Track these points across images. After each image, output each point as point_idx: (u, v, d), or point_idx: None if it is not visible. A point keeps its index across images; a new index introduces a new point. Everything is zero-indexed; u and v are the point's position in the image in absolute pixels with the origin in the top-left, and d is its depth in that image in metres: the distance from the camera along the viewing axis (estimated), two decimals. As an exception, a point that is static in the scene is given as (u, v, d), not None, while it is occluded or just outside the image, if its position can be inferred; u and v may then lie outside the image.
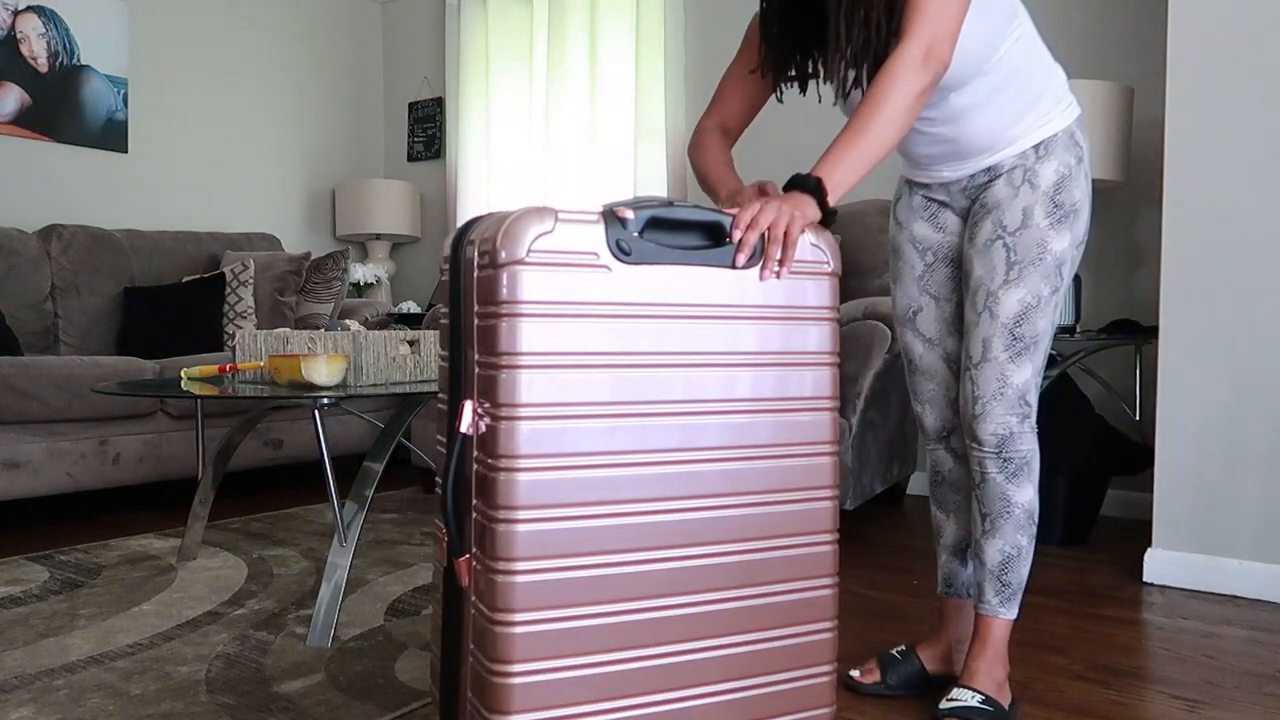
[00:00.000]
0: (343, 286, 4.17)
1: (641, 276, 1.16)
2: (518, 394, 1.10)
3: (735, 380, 1.21)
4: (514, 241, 1.10)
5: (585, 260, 1.13)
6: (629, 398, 1.15)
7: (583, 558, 1.13)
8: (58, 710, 1.59)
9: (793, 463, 1.24)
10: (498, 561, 1.10)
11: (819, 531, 1.27)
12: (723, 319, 1.20)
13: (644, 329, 1.16)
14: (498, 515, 1.10)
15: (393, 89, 5.16)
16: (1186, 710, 1.62)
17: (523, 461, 1.10)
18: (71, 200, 3.99)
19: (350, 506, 2.02)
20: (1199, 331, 2.35)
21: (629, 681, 1.15)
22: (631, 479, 1.15)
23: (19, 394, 2.87)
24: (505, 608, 1.10)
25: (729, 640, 1.20)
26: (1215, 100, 2.33)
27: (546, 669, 1.11)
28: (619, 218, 1.15)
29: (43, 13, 3.85)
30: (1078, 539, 2.77)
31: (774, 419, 1.23)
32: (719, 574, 1.20)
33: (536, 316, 1.11)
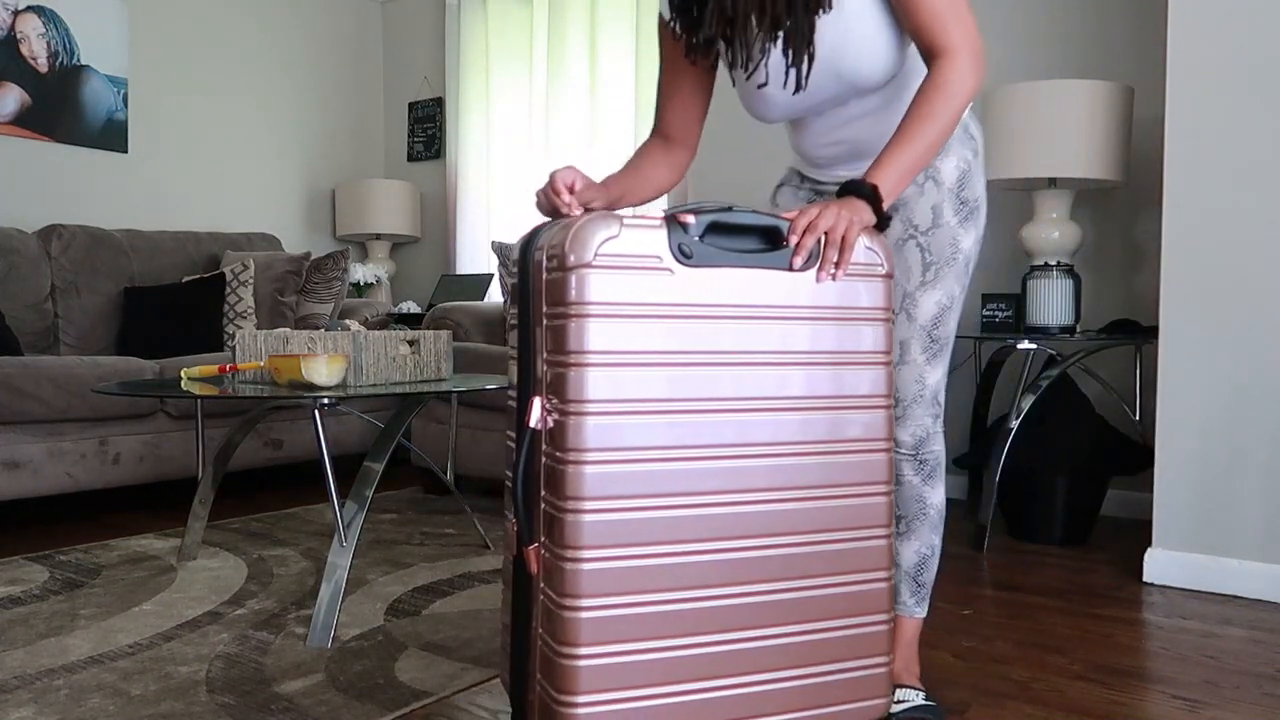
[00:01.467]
0: (343, 286, 4.17)
1: (702, 279, 1.21)
2: (585, 391, 1.16)
3: (791, 379, 1.25)
4: (582, 246, 1.16)
5: (649, 263, 1.18)
6: (689, 395, 1.20)
7: (645, 546, 1.18)
8: (58, 710, 1.59)
9: (852, 459, 1.28)
10: (565, 550, 1.16)
11: (875, 526, 1.30)
12: (779, 320, 1.24)
13: (704, 329, 1.21)
14: (565, 506, 1.16)
15: (393, 89, 5.16)
16: (1186, 710, 1.62)
17: (589, 455, 1.15)
18: (71, 200, 3.99)
19: (350, 506, 2.02)
20: (1199, 331, 2.35)
21: (690, 666, 1.20)
22: (692, 472, 1.20)
23: (19, 394, 2.88)
24: (572, 593, 1.15)
25: (787, 629, 1.25)
26: (1215, 100, 2.33)
27: (611, 653, 1.16)
28: (680, 222, 1.20)
29: (43, 13, 3.85)
30: (1078, 539, 2.77)
31: (829, 416, 1.27)
32: (776, 564, 1.24)
33: (603, 317, 1.16)
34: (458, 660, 1.82)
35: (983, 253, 3.42)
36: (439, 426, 3.46)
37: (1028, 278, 2.86)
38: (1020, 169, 2.75)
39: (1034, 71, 3.28)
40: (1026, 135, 2.73)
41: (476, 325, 3.63)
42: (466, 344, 3.43)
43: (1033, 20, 3.29)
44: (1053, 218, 2.86)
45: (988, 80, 3.38)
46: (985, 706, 1.63)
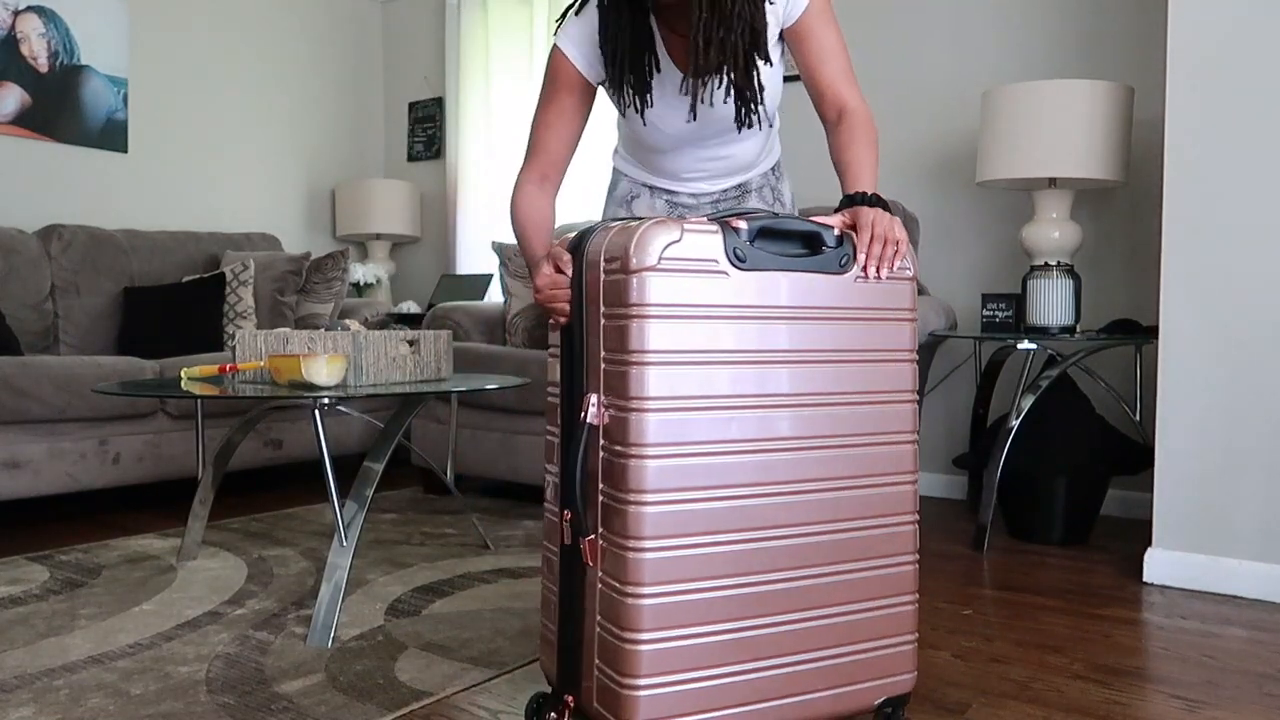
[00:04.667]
0: (343, 286, 4.17)
1: (754, 281, 1.28)
2: (646, 388, 1.22)
3: (838, 375, 1.34)
4: (645, 250, 1.22)
5: (706, 267, 1.25)
6: (743, 391, 1.27)
7: (703, 536, 1.25)
8: (58, 710, 1.59)
9: (883, 449, 1.38)
10: (628, 540, 1.22)
11: (903, 513, 1.40)
12: (825, 320, 1.33)
13: (757, 329, 1.28)
14: (628, 498, 1.22)
15: (393, 89, 5.16)
16: (1186, 710, 1.62)
17: (650, 450, 1.22)
18: (71, 200, 3.99)
19: (350, 506, 2.02)
20: (1199, 331, 2.35)
21: (744, 647, 1.28)
22: (745, 465, 1.27)
23: (19, 394, 2.88)
24: (635, 581, 1.22)
25: (830, 610, 1.35)
26: (1215, 100, 2.33)
27: (671, 637, 1.23)
28: (733, 227, 1.27)
29: (43, 13, 3.85)
30: (1078, 539, 2.77)
31: (869, 410, 1.36)
32: (821, 550, 1.33)
33: (663, 318, 1.23)
34: (458, 660, 1.82)
35: (983, 253, 3.42)
36: (439, 426, 3.46)
37: (1028, 278, 2.86)
38: (1020, 169, 2.75)
39: (1034, 71, 3.28)
40: (1026, 135, 2.73)
41: (476, 325, 3.63)
42: (466, 344, 3.43)
43: (1033, 20, 3.28)
44: (1053, 218, 2.86)
45: (988, 80, 3.38)
46: (985, 706, 1.63)
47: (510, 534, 2.87)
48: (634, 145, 1.79)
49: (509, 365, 3.23)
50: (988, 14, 3.37)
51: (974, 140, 3.42)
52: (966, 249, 3.44)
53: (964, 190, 3.45)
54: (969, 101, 3.42)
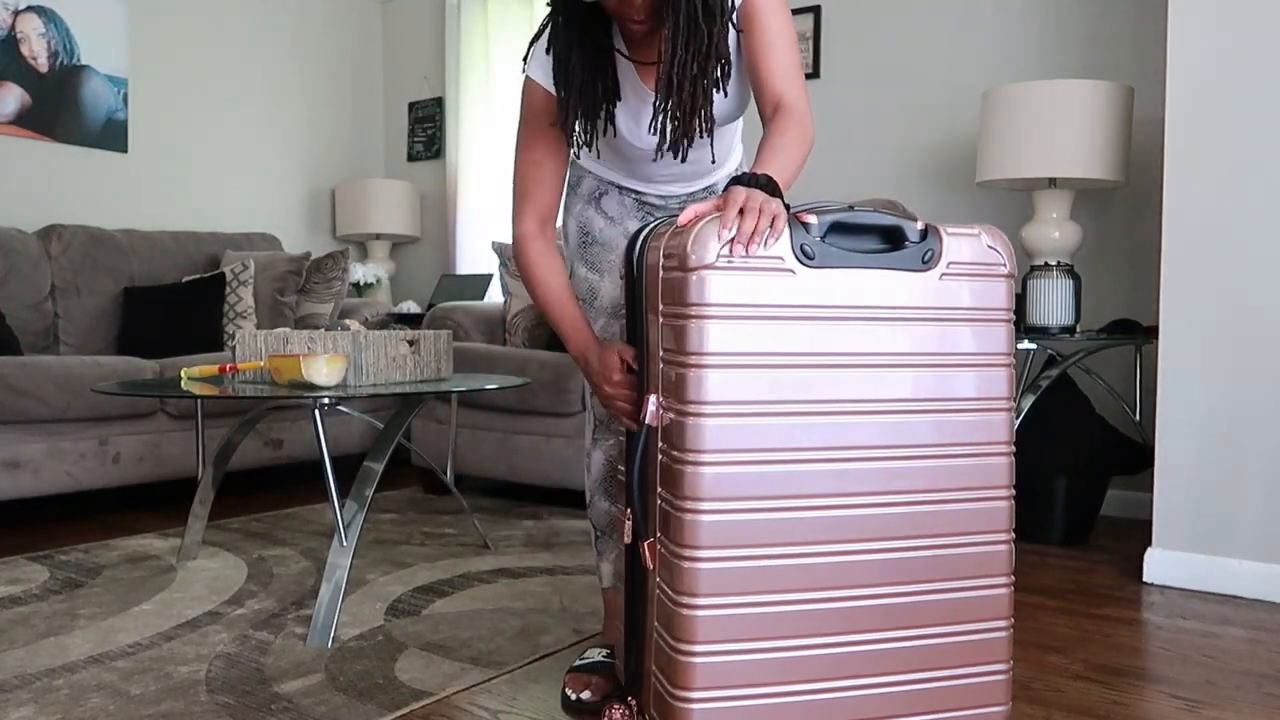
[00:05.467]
0: (343, 286, 4.17)
1: (824, 280, 1.20)
2: (704, 392, 1.15)
3: (920, 380, 1.24)
4: (704, 247, 1.15)
5: (770, 264, 1.17)
6: (811, 396, 1.19)
7: (763, 547, 1.18)
8: (58, 710, 1.59)
9: (972, 462, 1.26)
10: (683, 549, 1.17)
11: (996, 530, 1.28)
12: (905, 320, 1.23)
13: (827, 330, 1.20)
14: (684, 505, 1.16)
15: (393, 89, 5.16)
16: (1186, 710, 1.62)
17: (707, 456, 1.15)
18: (71, 200, 3.99)
19: (350, 506, 2.02)
20: (1199, 331, 2.35)
21: (806, 667, 1.20)
22: (811, 474, 1.19)
23: (19, 394, 2.87)
24: (689, 591, 1.16)
25: (906, 633, 1.23)
26: (1215, 100, 2.33)
27: (727, 650, 1.17)
28: (802, 222, 1.20)
29: (43, 13, 3.85)
30: (1078, 539, 2.77)
31: (957, 419, 1.26)
32: (898, 568, 1.23)
33: (724, 318, 1.16)
34: (458, 660, 1.82)
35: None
36: (439, 426, 3.46)
37: (1028, 278, 2.86)
38: (1020, 169, 2.75)
39: (1034, 71, 3.28)
40: (1026, 135, 2.73)
41: (476, 325, 3.63)
42: (466, 344, 3.43)
43: (1033, 20, 3.29)
44: (1053, 218, 2.86)
45: (988, 80, 3.38)
46: (985, 706, 1.63)
47: (510, 534, 2.87)
48: (600, 149, 1.78)
49: (509, 365, 3.23)
50: (988, 14, 3.37)
51: (974, 140, 3.42)
52: (966, 249, 3.44)
53: (964, 190, 3.45)
54: (969, 101, 3.42)
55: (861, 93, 3.62)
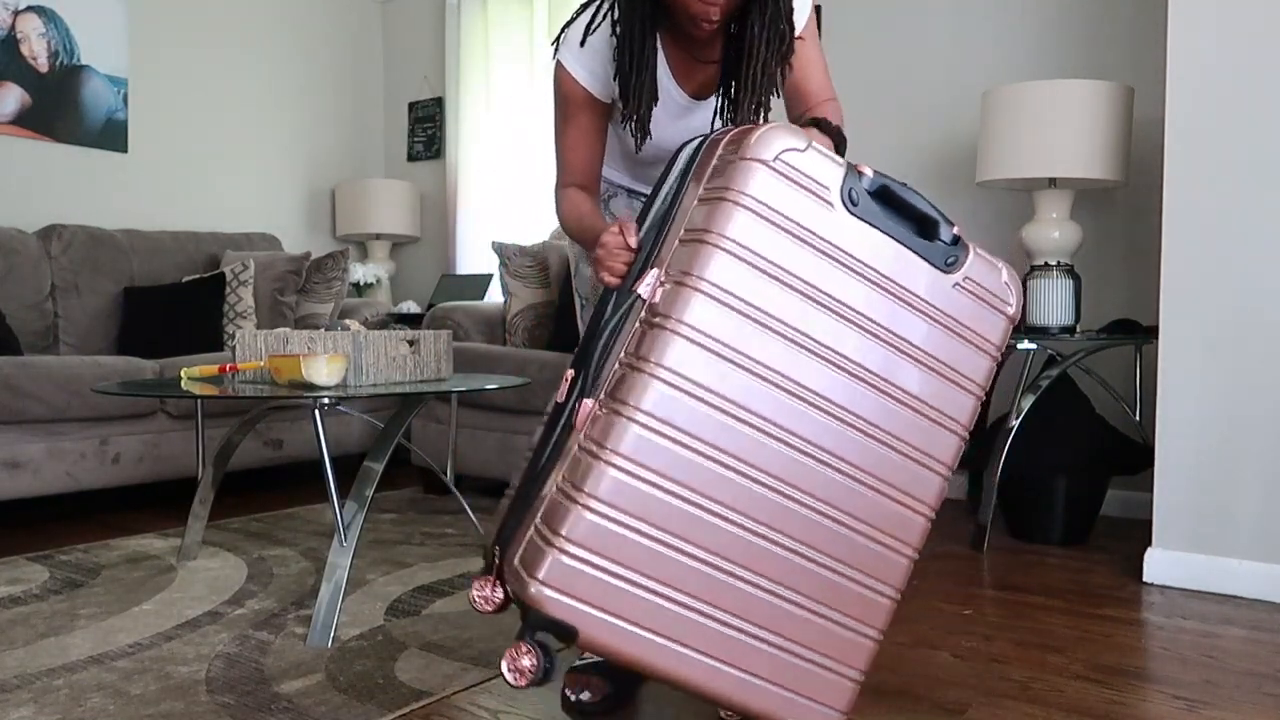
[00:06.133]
0: (343, 286, 4.17)
1: (855, 230, 1.22)
2: (708, 270, 1.16)
3: (902, 366, 1.26)
4: (766, 143, 1.19)
5: (818, 190, 1.20)
6: (800, 327, 1.21)
7: (700, 443, 1.17)
8: (58, 710, 1.59)
9: (912, 466, 1.29)
10: (626, 406, 1.15)
11: (904, 541, 1.30)
12: (908, 306, 1.26)
13: (841, 277, 1.22)
14: (645, 367, 1.15)
15: (393, 89, 5.16)
16: (1186, 710, 1.62)
17: (686, 329, 1.15)
18: (71, 200, 3.99)
19: (350, 506, 2.02)
20: (1199, 331, 2.35)
21: (680, 575, 1.17)
22: (769, 397, 1.19)
23: (19, 394, 2.87)
24: (614, 447, 1.14)
25: (785, 589, 1.23)
26: (1215, 100, 2.33)
27: (622, 521, 1.14)
28: (859, 171, 1.24)
29: (43, 13, 3.85)
30: (1078, 539, 2.77)
31: (910, 416, 1.28)
32: (807, 528, 1.23)
33: (754, 213, 1.17)
34: (458, 660, 1.82)
35: (983, 253, 3.42)
36: (439, 426, 3.46)
37: (1028, 278, 2.86)
38: (1020, 169, 2.75)
39: (1034, 71, 3.28)
40: (1026, 135, 2.73)
41: (476, 325, 3.63)
42: (466, 344, 3.43)
43: (1033, 20, 3.29)
44: (1053, 218, 2.86)
45: (988, 80, 3.38)
46: (985, 706, 1.63)
47: (510, 534, 2.87)
48: (612, 149, 1.80)
49: (509, 365, 3.23)
50: (988, 14, 3.37)
51: (974, 140, 3.42)
52: (966, 249, 3.44)
53: (964, 190, 3.45)
54: (969, 101, 3.42)
55: (861, 93, 3.62)
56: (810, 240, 1.20)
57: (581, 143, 1.65)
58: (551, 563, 1.13)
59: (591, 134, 1.65)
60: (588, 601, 1.14)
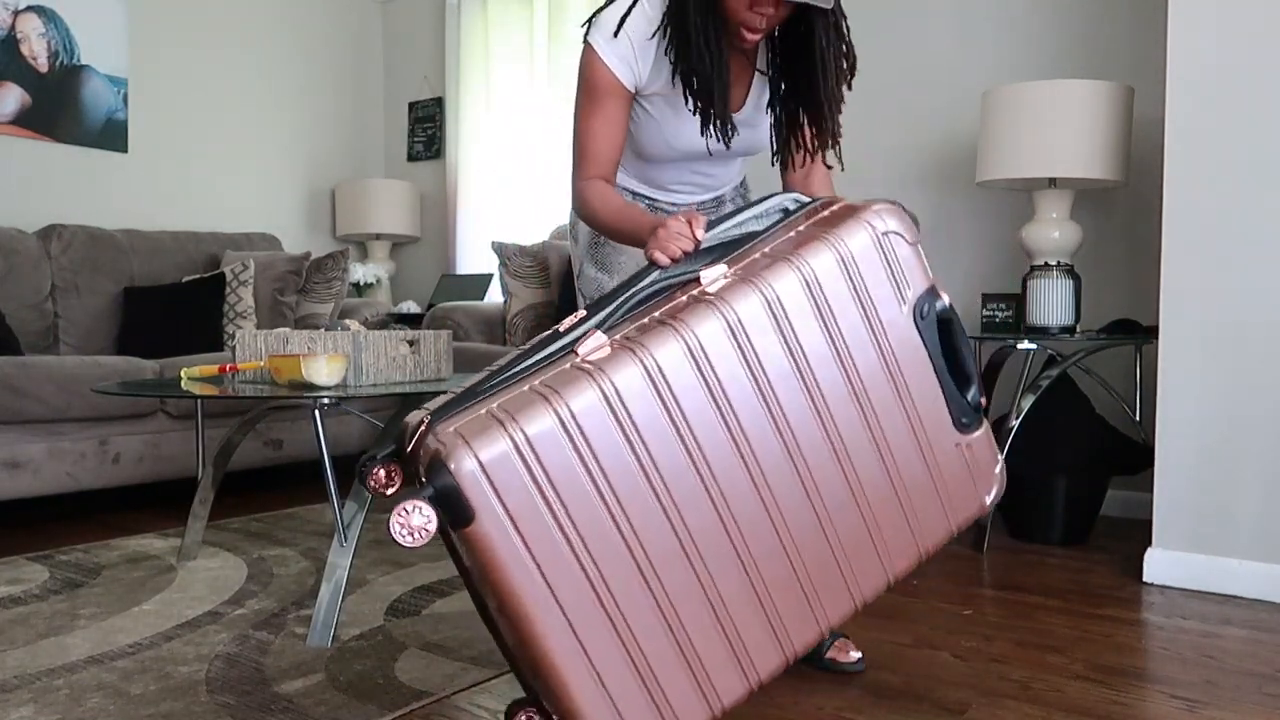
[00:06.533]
0: (343, 286, 4.18)
1: (907, 336, 1.29)
2: (779, 282, 1.20)
3: (874, 467, 1.28)
4: (883, 216, 1.26)
5: (900, 282, 1.28)
6: (820, 376, 1.23)
7: (683, 422, 1.15)
8: (58, 710, 1.59)
9: (831, 559, 1.29)
10: (641, 349, 1.14)
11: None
12: (911, 427, 1.30)
13: (874, 359, 1.26)
14: (676, 326, 1.16)
15: (393, 89, 5.16)
16: (1186, 710, 1.62)
17: (730, 315, 1.17)
18: (71, 200, 3.99)
19: (350, 506, 2.02)
20: (1199, 331, 2.35)
21: (604, 539, 1.13)
22: (759, 422, 1.19)
23: (19, 394, 2.87)
24: (610, 374, 1.12)
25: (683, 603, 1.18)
26: (1215, 100, 2.33)
27: (577, 442, 1.10)
28: (938, 294, 1.30)
29: (43, 13, 3.85)
30: (1078, 539, 2.77)
31: (857, 524, 1.28)
32: (729, 549, 1.21)
33: (841, 262, 1.23)
34: (458, 660, 1.82)
35: (983, 253, 3.42)
36: (439, 426, 3.45)
37: (1028, 278, 2.86)
38: (1020, 169, 2.75)
39: (1034, 71, 3.28)
40: (1026, 135, 2.73)
41: (476, 325, 3.63)
42: (466, 344, 3.43)
43: (1033, 20, 3.29)
44: (1053, 218, 2.86)
45: (988, 80, 3.38)
46: (985, 706, 1.63)
47: (510, 534, 2.87)
48: (624, 151, 1.81)
49: (509, 365, 3.22)
50: (988, 14, 3.37)
51: (974, 140, 3.42)
52: (966, 249, 3.44)
53: (964, 190, 3.45)
54: (969, 101, 3.42)
55: (861, 93, 3.62)
56: (870, 314, 1.24)
57: (606, 131, 1.64)
58: (494, 439, 1.06)
59: (616, 123, 1.64)
60: (503, 499, 1.07)
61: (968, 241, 3.44)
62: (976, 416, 1.31)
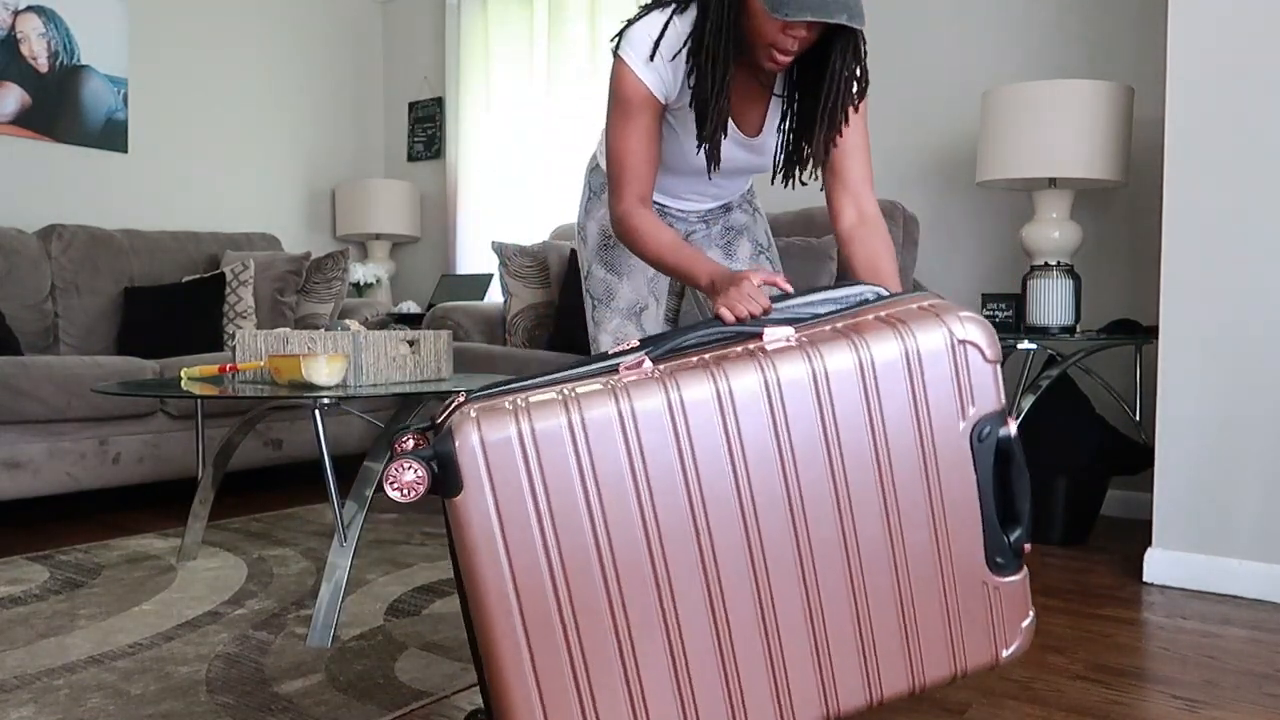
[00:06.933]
0: (343, 286, 4.17)
1: (959, 454, 1.22)
2: (831, 357, 1.16)
3: (883, 578, 1.20)
4: (962, 322, 1.19)
5: (965, 397, 1.20)
6: (850, 469, 1.18)
7: (691, 464, 1.12)
8: (58, 710, 1.59)
9: (808, 664, 1.22)
10: (673, 383, 1.12)
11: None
12: (938, 551, 1.22)
13: (915, 467, 1.20)
14: (714, 370, 1.14)
15: (393, 89, 5.16)
16: (1186, 710, 1.62)
17: (770, 376, 1.14)
18: (71, 200, 3.99)
19: (350, 506, 2.02)
20: (1199, 331, 2.35)
21: (582, 562, 1.12)
22: (769, 489, 1.15)
23: (19, 394, 2.87)
24: (634, 397, 1.11)
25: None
26: (1215, 100, 2.33)
27: (581, 452, 1.10)
28: (1007, 421, 1.23)
29: (43, 13, 3.85)
30: (1078, 539, 2.77)
31: (852, 639, 1.20)
32: (704, 609, 1.16)
33: (905, 354, 1.17)
34: (458, 660, 1.82)
35: (983, 253, 3.42)
36: (439, 426, 3.45)
37: (1028, 278, 2.86)
38: (1020, 169, 2.75)
39: (1034, 71, 3.28)
40: (1026, 135, 2.73)
41: (476, 325, 3.63)
42: (466, 344, 3.43)
43: (1033, 20, 3.29)
44: (1053, 218, 2.86)
45: (988, 80, 3.38)
46: (985, 706, 1.63)
47: (510, 534, 2.87)
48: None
49: (509, 365, 3.23)
50: (988, 14, 3.37)
51: (974, 140, 3.42)
52: (966, 249, 3.44)
53: (964, 190, 3.45)
54: (969, 101, 3.42)
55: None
56: (922, 418, 1.17)
57: (643, 147, 1.64)
58: (504, 424, 1.08)
59: (652, 137, 1.65)
60: (493, 479, 1.08)
61: (968, 241, 3.44)
62: (1015, 562, 1.22)
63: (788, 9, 1.39)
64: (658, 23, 1.60)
